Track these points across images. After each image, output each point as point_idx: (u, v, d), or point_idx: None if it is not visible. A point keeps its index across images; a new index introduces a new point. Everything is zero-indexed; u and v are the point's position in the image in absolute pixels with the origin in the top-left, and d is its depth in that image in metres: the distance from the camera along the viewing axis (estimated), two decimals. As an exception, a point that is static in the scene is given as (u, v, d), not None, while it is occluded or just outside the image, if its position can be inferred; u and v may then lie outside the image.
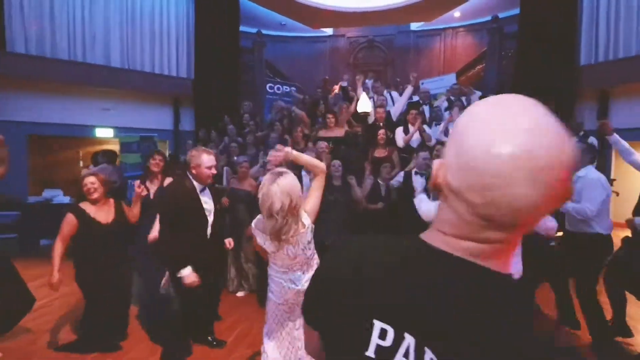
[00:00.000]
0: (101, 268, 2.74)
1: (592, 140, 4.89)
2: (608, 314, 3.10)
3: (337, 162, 3.75)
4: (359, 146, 4.56)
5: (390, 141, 4.56)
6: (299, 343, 2.00)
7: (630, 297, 2.94)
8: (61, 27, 6.78)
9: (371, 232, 3.61)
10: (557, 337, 3.18)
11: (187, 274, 2.38)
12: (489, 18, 8.89)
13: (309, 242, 1.90)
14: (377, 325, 0.50)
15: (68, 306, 3.61)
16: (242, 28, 8.82)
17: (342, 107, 4.93)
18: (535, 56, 6.61)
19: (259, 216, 1.90)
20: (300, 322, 1.98)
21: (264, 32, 9.99)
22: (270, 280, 2.02)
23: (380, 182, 3.87)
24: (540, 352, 0.46)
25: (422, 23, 10.22)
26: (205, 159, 2.49)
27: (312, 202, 1.92)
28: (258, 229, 1.90)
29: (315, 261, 1.98)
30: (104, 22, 7.29)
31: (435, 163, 0.52)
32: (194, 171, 2.51)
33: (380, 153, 4.34)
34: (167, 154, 7.96)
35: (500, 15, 8.57)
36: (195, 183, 2.54)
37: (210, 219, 2.61)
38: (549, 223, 2.28)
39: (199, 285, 2.48)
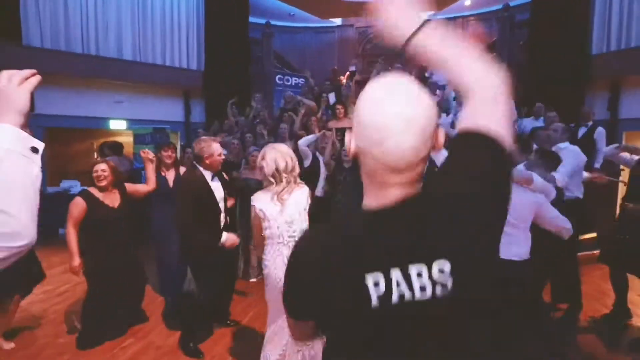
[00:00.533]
0: (110, 253, 2.81)
1: (600, 130, 4.87)
2: (610, 299, 3.18)
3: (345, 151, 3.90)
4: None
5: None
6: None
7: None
8: (75, 20, 6.91)
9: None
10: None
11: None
12: (500, 6, 8.75)
13: (305, 210, 2.06)
14: (369, 278, 0.61)
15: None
16: (250, 19, 8.85)
17: (350, 97, 5.01)
18: (546, 45, 6.54)
19: (257, 193, 2.07)
20: None
21: (273, 22, 9.99)
22: (265, 268, 2.04)
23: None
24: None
25: (432, 12, 10.10)
26: (216, 148, 2.63)
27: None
28: (259, 198, 2.05)
29: None
30: (116, 16, 7.40)
31: (347, 136, 0.68)
32: (207, 161, 2.60)
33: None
34: (178, 145, 8.15)
35: (512, 3, 8.44)
36: (205, 172, 2.64)
37: (222, 205, 2.72)
38: (562, 223, 2.24)
39: (217, 272, 2.63)
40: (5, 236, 0.56)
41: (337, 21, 10.94)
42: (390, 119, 0.59)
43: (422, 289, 0.61)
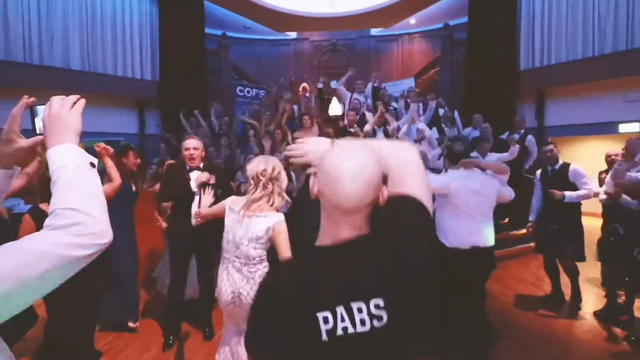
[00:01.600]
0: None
1: (530, 138, 5.57)
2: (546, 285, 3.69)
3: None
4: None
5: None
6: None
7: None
8: (16, 28, 6.47)
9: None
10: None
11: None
12: (441, 25, 9.62)
13: (258, 240, 1.90)
14: (319, 315, 0.72)
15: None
16: (207, 30, 8.85)
17: (314, 109, 5.28)
18: (481, 61, 7.35)
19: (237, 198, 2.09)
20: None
21: (229, 34, 10.06)
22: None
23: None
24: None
25: (381, 29, 10.79)
26: (187, 142, 2.93)
27: (285, 242, 1.92)
28: (234, 200, 2.05)
29: (255, 282, 1.90)
30: (62, 24, 7.03)
31: (311, 180, 0.84)
32: (182, 153, 2.97)
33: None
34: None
35: (451, 22, 9.30)
36: (186, 163, 2.94)
37: (197, 197, 2.88)
38: (510, 194, 2.71)
39: (184, 263, 2.95)
40: (94, 235, 0.68)
41: (293, 34, 11.24)
42: (343, 169, 0.76)
43: (362, 322, 0.72)
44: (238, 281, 1.91)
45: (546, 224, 3.57)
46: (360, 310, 0.73)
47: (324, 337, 0.71)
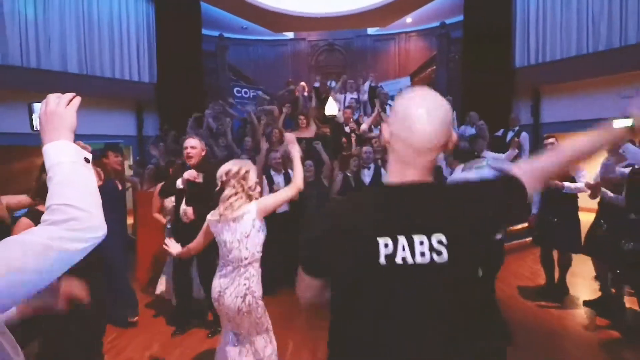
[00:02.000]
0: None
1: (524, 134, 5.62)
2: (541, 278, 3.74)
3: (308, 162, 4.10)
4: (328, 145, 4.94)
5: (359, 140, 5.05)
6: None
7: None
8: (13, 32, 6.49)
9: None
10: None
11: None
12: (437, 24, 9.66)
13: (247, 237, 1.91)
14: (380, 241, 0.76)
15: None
16: (204, 31, 8.88)
17: (311, 109, 5.32)
18: (477, 59, 7.39)
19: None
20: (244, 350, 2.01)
21: (226, 35, 10.08)
22: None
23: (348, 174, 4.25)
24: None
25: (377, 28, 10.83)
26: (186, 141, 3.06)
27: (269, 198, 2.06)
28: (210, 215, 2.05)
29: (247, 287, 1.93)
30: (59, 27, 7.06)
31: (383, 126, 0.88)
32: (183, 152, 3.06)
33: (346, 152, 4.79)
34: (131, 159, 7.89)
35: (447, 21, 9.33)
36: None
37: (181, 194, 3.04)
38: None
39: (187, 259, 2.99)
40: (90, 229, 0.72)
41: (290, 34, 11.28)
42: (418, 111, 0.79)
43: (422, 254, 0.76)
44: (224, 286, 1.98)
45: (546, 216, 3.66)
46: (421, 243, 0.76)
47: (382, 260, 0.75)
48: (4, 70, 6.37)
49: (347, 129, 5.18)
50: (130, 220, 4.92)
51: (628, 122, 1.00)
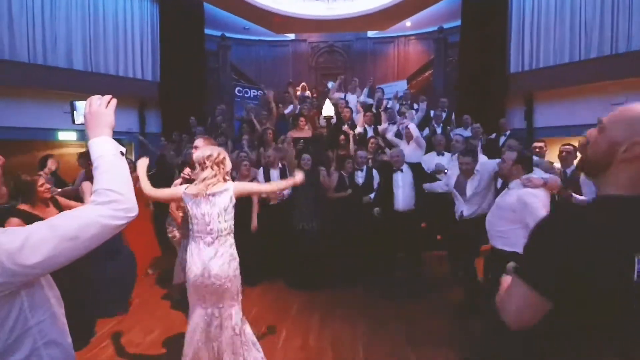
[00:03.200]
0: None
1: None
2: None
3: (306, 156, 4.31)
4: (324, 145, 5.14)
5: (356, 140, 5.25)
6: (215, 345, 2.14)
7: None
8: (21, 29, 6.67)
9: (338, 215, 4.22)
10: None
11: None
12: (435, 28, 9.85)
13: (226, 211, 2.15)
14: (636, 256, 0.72)
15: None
16: (206, 31, 9.05)
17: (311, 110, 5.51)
18: (473, 64, 7.57)
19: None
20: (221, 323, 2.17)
21: (228, 35, 10.26)
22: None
23: (344, 174, 4.45)
24: None
25: (377, 31, 11.01)
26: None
27: (245, 183, 2.49)
28: (187, 188, 2.23)
29: (230, 253, 2.16)
30: (66, 25, 7.23)
31: (635, 147, 0.79)
32: None
33: (343, 152, 4.98)
34: (133, 157, 8.04)
35: (445, 26, 9.52)
36: None
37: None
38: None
39: None
40: (127, 210, 0.91)
41: (291, 35, 11.46)
42: None
43: None
44: (209, 256, 2.13)
45: None
46: None
47: (636, 278, 0.71)
48: (12, 66, 6.54)
49: (344, 128, 5.35)
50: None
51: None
